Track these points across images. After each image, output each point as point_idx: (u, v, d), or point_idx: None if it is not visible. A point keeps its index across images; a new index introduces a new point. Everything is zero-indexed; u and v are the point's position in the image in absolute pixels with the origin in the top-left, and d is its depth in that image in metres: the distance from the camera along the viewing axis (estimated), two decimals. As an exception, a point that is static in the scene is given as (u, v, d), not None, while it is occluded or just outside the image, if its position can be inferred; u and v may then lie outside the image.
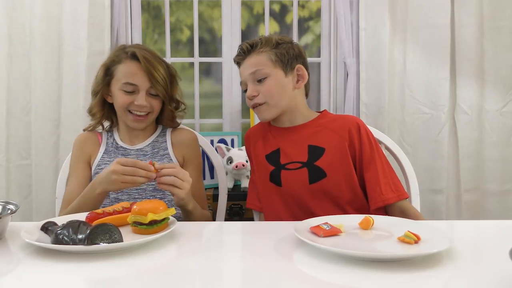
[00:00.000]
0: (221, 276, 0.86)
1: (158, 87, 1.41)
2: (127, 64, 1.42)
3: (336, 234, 1.02)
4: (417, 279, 0.82)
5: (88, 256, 0.91)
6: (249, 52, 1.40)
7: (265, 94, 1.37)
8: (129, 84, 1.40)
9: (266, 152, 1.43)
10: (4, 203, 1.11)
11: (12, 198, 2.03)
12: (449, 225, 1.36)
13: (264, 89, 1.37)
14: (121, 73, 1.42)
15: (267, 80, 1.37)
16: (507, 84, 2.20)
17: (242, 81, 1.43)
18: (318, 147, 1.37)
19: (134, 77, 1.40)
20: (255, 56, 1.39)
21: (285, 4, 2.49)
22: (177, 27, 2.51)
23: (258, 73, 1.37)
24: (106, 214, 1.11)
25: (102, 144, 1.50)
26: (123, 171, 1.17)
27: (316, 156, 1.36)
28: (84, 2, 2.12)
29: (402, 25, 2.20)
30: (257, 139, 1.48)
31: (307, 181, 1.35)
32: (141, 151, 1.48)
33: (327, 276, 0.85)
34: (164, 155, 1.48)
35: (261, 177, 1.43)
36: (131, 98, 1.41)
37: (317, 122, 1.42)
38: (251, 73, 1.38)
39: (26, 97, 2.18)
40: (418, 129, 2.22)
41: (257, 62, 1.38)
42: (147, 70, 1.39)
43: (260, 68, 1.37)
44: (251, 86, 1.39)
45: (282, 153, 1.40)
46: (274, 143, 1.43)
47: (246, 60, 1.40)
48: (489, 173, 2.21)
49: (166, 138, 1.52)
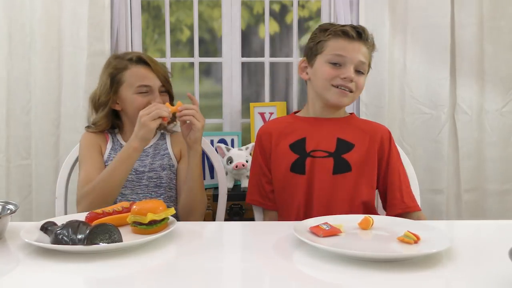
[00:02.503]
0: (221, 276, 0.86)
1: (167, 84, 1.54)
2: (135, 68, 1.50)
3: (336, 234, 1.02)
4: (417, 279, 0.82)
5: (88, 256, 0.91)
6: (364, 39, 1.41)
7: (358, 86, 1.40)
8: (143, 86, 1.48)
9: (290, 142, 1.43)
10: (3, 203, 1.11)
11: (12, 198, 2.02)
12: (449, 225, 1.36)
13: (360, 81, 1.40)
14: (132, 78, 1.49)
15: (363, 76, 1.42)
16: (507, 84, 2.20)
17: (340, 54, 1.39)
18: (347, 141, 1.41)
19: (147, 79, 1.49)
20: (366, 48, 1.42)
21: (285, 4, 2.49)
22: (177, 27, 2.51)
23: (364, 66, 1.41)
24: (106, 214, 1.11)
25: (109, 141, 1.54)
26: (149, 111, 1.32)
27: (344, 149, 1.39)
28: (84, 2, 2.11)
29: (402, 25, 2.20)
30: (280, 132, 1.47)
31: (331, 171, 1.37)
32: (143, 151, 1.51)
33: (327, 276, 0.85)
34: (164, 155, 1.55)
35: (281, 169, 1.42)
36: (146, 99, 1.48)
37: (347, 120, 1.47)
38: (361, 61, 1.39)
39: (26, 97, 2.17)
40: (418, 129, 2.21)
41: (367, 56, 1.43)
42: (156, 71, 1.50)
43: (367, 63, 1.42)
44: (352, 71, 1.38)
45: (309, 141, 1.41)
46: (300, 132, 1.44)
47: (360, 44, 1.40)
48: (489, 173, 2.21)
49: (166, 141, 1.59)
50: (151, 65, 1.50)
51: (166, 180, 1.52)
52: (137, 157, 1.38)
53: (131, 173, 1.46)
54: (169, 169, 1.53)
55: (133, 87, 1.48)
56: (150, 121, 1.31)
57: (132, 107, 1.49)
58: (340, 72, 1.38)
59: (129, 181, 1.48)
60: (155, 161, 1.52)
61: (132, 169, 1.42)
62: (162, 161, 1.53)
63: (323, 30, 1.43)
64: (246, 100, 2.38)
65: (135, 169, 1.48)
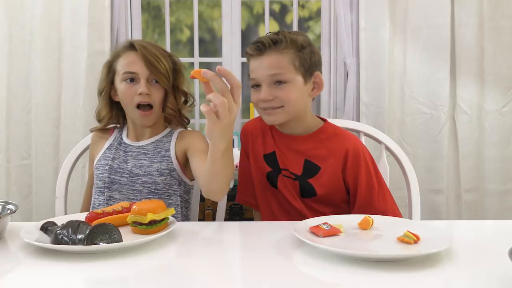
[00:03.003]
0: (221, 276, 0.86)
1: (157, 74, 1.36)
2: (125, 55, 1.39)
3: (336, 234, 1.01)
4: (417, 279, 0.82)
5: (88, 256, 0.91)
6: (270, 48, 1.26)
7: (283, 100, 1.26)
8: (128, 73, 1.37)
9: (264, 152, 1.39)
10: (3, 203, 1.11)
11: (12, 198, 2.03)
12: (449, 225, 1.36)
13: (283, 94, 1.26)
14: (120, 65, 1.39)
15: (286, 86, 1.26)
16: (507, 84, 2.20)
17: (253, 78, 1.30)
18: (314, 164, 1.32)
19: (133, 66, 1.36)
20: (277, 55, 1.26)
21: (285, 4, 2.49)
22: (177, 27, 2.52)
23: (279, 77, 1.26)
24: (106, 214, 1.11)
25: (109, 140, 1.47)
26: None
27: (310, 173, 1.32)
28: (84, 2, 2.12)
29: (402, 25, 2.20)
30: (256, 136, 1.42)
31: (298, 193, 1.33)
32: (142, 148, 1.42)
33: (327, 276, 0.85)
34: (164, 156, 1.39)
35: (258, 175, 1.40)
36: (133, 88, 1.36)
37: (317, 136, 1.35)
38: (270, 74, 1.26)
39: (26, 97, 2.18)
40: (418, 129, 2.21)
41: (279, 64, 1.26)
42: (144, 57, 1.35)
43: (281, 72, 1.25)
44: (267, 89, 1.26)
45: (279, 157, 1.36)
46: (273, 145, 1.38)
47: (264, 57, 1.26)
48: (489, 173, 2.21)
49: (172, 139, 1.43)
50: (138, 50, 1.36)
51: (163, 187, 1.36)
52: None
53: (124, 175, 1.37)
54: (168, 174, 1.37)
55: (120, 75, 1.38)
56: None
57: (121, 97, 1.40)
58: (259, 95, 1.28)
59: (122, 184, 1.37)
60: (152, 163, 1.38)
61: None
62: (161, 164, 1.37)
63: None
64: (246, 100, 2.37)
65: (130, 170, 1.37)
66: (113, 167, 1.39)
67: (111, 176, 1.38)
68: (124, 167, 1.39)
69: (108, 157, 1.42)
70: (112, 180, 1.38)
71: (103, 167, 1.40)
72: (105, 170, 1.39)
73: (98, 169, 1.41)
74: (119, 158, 1.41)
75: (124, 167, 1.39)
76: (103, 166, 1.40)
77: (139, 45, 1.37)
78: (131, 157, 1.41)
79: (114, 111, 1.46)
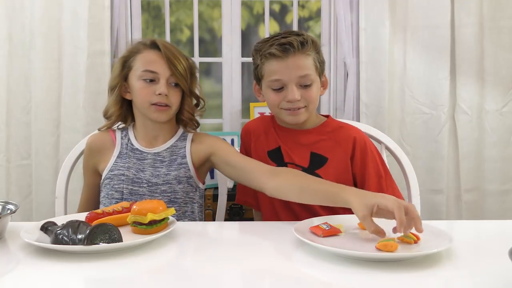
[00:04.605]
0: (221, 276, 0.86)
1: (178, 76, 1.34)
2: (146, 52, 1.35)
3: (336, 234, 1.02)
4: (417, 279, 0.82)
5: (88, 256, 0.91)
6: (297, 50, 1.28)
7: (307, 100, 1.31)
8: (148, 72, 1.33)
9: (268, 148, 1.41)
10: (3, 203, 1.11)
11: (12, 198, 2.03)
12: (449, 225, 1.36)
13: (308, 95, 1.31)
14: (140, 62, 1.35)
15: (311, 87, 1.32)
16: (507, 84, 2.20)
17: (277, 79, 1.30)
18: (321, 155, 1.36)
19: (154, 65, 1.33)
20: (303, 57, 1.30)
21: (285, 4, 2.49)
22: (177, 27, 2.51)
23: (307, 79, 1.30)
24: (106, 214, 1.11)
25: (116, 147, 1.40)
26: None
27: (318, 164, 1.35)
28: (84, 2, 2.12)
29: (402, 25, 2.20)
30: (259, 134, 1.44)
31: None
32: (158, 155, 1.37)
33: (327, 276, 0.85)
34: (181, 164, 1.37)
35: None
36: (152, 88, 1.32)
37: (322, 130, 1.40)
38: (300, 76, 1.29)
39: (26, 97, 2.17)
40: (418, 129, 2.21)
41: (306, 66, 1.30)
42: (167, 58, 1.33)
43: (309, 73, 1.30)
44: (296, 90, 1.29)
45: (284, 151, 1.38)
46: (277, 140, 1.41)
47: (292, 58, 1.28)
48: (489, 173, 2.21)
49: (186, 143, 1.40)
50: (162, 50, 1.33)
51: (182, 195, 1.34)
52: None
53: (142, 185, 1.33)
54: (186, 182, 1.35)
55: (139, 72, 1.34)
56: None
57: (135, 94, 1.35)
58: (284, 95, 1.31)
59: (141, 195, 1.32)
60: (170, 171, 1.35)
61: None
62: (178, 172, 1.35)
63: (257, 51, 1.35)
64: (246, 100, 2.37)
65: (148, 180, 1.33)
66: (130, 177, 1.34)
67: (130, 187, 1.33)
68: (142, 177, 1.34)
69: (122, 167, 1.36)
70: (130, 191, 1.33)
71: (118, 177, 1.34)
72: (121, 180, 1.33)
73: (112, 179, 1.35)
74: (134, 167, 1.35)
75: (141, 177, 1.34)
76: (117, 176, 1.34)
77: (162, 45, 1.35)
78: (147, 165, 1.36)
79: (123, 109, 1.42)
